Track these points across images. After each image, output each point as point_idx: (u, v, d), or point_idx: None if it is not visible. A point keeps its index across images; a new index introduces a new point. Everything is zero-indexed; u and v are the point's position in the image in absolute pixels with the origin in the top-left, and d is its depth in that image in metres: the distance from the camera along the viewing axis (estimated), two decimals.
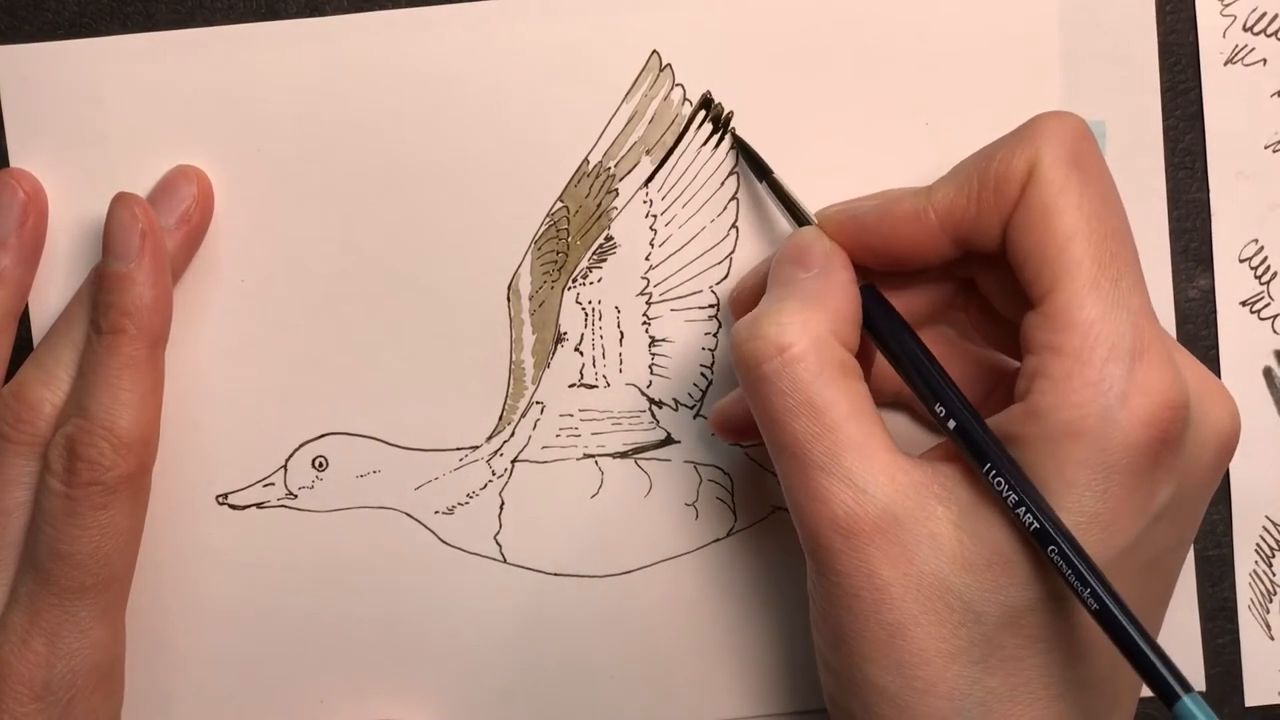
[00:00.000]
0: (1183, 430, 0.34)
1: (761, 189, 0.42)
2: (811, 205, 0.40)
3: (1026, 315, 0.35)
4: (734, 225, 0.43)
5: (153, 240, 0.40)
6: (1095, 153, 0.36)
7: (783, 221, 0.41)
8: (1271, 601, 0.45)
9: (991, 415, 0.36)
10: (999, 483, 0.34)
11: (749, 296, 0.41)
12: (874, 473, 0.35)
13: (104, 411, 0.39)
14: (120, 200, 0.40)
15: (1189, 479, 0.35)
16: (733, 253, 0.43)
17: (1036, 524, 0.33)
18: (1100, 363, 0.33)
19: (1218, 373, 0.44)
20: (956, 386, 0.36)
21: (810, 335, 0.35)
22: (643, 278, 0.43)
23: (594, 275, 0.43)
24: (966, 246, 0.37)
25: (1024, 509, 0.33)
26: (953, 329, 0.41)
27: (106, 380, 0.39)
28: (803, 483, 0.35)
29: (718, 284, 0.43)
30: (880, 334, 0.38)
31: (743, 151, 0.42)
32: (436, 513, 0.43)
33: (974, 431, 0.35)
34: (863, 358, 0.38)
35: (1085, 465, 0.33)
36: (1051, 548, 0.33)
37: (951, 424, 0.35)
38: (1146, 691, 0.34)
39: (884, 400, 0.41)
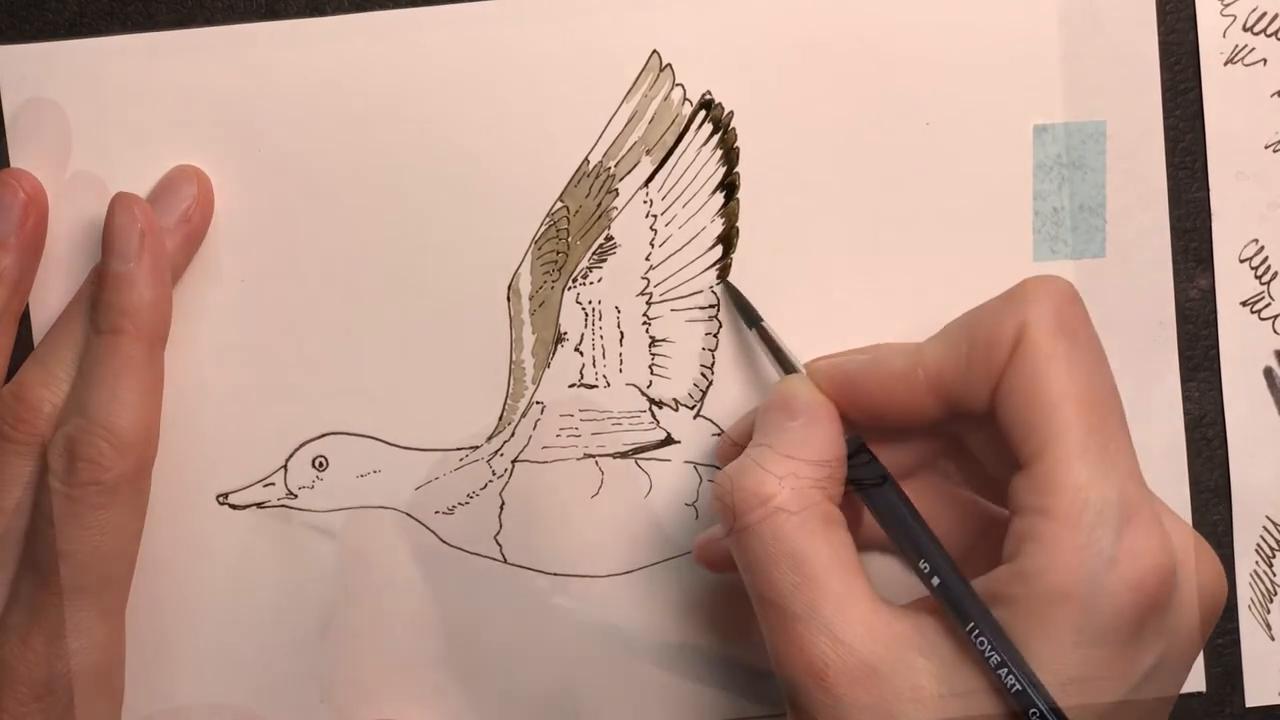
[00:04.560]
0: (1169, 595, 0.34)
1: (751, 336, 0.42)
2: (813, 205, 0.40)
3: (1015, 477, 0.35)
4: (734, 225, 0.43)
5: (152, 240, 0.40)
6: (1083, 316, 0.36)
7: (789, 211, 0.41)
8: (1272, 602, 0.44)
9: (979, 562, 0.36)
10: (981, 642, 0.34)
11: (735, 446, 0.42)
12: (853, 624, 0.35)
13: (103, 411, 0.39)
14: (120, 200, 0.40)
15: (1175, 642, 0.35)
16: (733, 253, 0.43)
17: (1018, 685, 0.33)
18: (1088, 527, 0.34)
19: (1218, 372, 0.44)
20: (940, 544, 0.36)
21: (793, 486, 0.36)
22: (643, 278, 0.43)
23: (594, 275, 0.43)
24: (955, 408, 0.37)
25: (1006, 670, 0.33)
26: (940, 475, 0.41)
27: (105, 380, 0.39)
28: (782, 632, 0.35)
29: (718, 284, 0.43)
30: (865, 489, 0.38)
31: (733, 298, 0.42)
32: (437, 513, 0.43)
33: (957, 590, 0.35)
34: (855, 502, 0.38)
35: (1071, 628, 0.33)
36: (1033, 710, 0.33)
37: (935, 581, 0.36)
38: None
39: (878, 544, 0.41)
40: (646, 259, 0.43)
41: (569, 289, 0.43)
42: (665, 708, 0.44)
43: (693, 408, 0.43)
